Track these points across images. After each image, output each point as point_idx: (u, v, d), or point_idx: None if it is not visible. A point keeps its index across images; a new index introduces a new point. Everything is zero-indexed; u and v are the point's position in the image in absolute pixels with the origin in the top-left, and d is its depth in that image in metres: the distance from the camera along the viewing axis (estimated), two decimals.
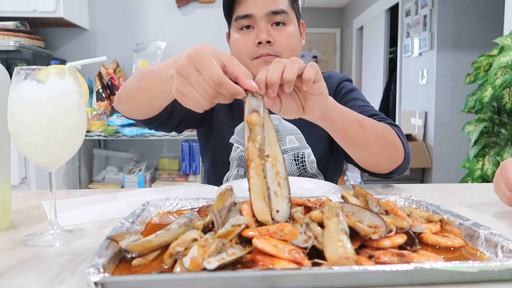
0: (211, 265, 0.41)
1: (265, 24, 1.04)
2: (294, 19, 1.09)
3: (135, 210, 0.63)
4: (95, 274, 0.40)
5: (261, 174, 0.56)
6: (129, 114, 1.00)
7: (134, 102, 0.93)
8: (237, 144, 1.15)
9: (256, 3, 1.04)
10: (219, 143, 1.17)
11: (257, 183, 0.56)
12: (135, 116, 1.00)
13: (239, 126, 1.16)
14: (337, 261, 0.42)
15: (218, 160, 1.18)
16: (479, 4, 4.01)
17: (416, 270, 0.41)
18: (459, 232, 0.55)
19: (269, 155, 0.59)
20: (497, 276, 0.42)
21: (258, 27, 1.05)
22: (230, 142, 1.15)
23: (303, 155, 1.12)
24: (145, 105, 0.92)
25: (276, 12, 1.04)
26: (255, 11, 1.04)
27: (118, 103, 0.99)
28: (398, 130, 1.00)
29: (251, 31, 1.06)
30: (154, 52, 2.70)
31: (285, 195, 0.57)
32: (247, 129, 0.59)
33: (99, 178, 2.83)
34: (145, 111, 0.96)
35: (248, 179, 0.57)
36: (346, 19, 7.39)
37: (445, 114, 4.08)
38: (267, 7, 1.04)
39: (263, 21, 1.04)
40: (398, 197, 0.71)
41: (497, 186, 0.76)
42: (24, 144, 0.60)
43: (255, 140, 0.58)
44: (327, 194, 0.69)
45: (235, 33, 1.08)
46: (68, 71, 0.60)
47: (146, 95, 0.87)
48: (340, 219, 0.48)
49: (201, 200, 0.71)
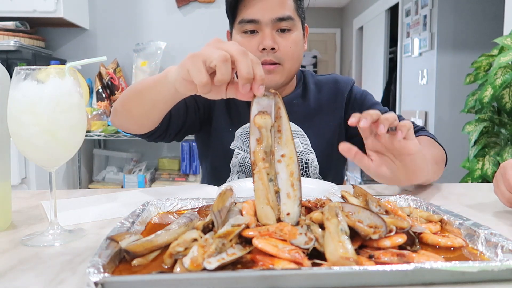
0: (211, 265, 0.41)
1: (270, 30, 1.02)
2: (299, 25, 1.07)
3: (135, 210, 0.63)
4: (95, 274, 0.39)
5: (264, 178, 0.55)
6: (126, 128, 0.96)
7: (130, 113, 0.90)
8: (238, 150, 1.12)
9: (262, 8, 1.01)
10: (219, 150, 1.15)
11: (259, 187, 0.55)
12: (132, 129, 0.96)
13: (239, 130, 1.13)
14: (337, 261, 0.42)
15: (218, 166, 1.16)
16: (479, 4, 4.01)
17: (416, 270, 0.41)
18: (459, 232, 0.55)
19: (284, 154, 0.57)
20: (497, 276, 0.42)
21: (263, 32, 1.02)
22: (231, 148, 1.13)
23: (306, 160, 1.11)
24: (141, 117, 0.89)
25: (282, 19, 1.02)
26: (261, 17, 1.01)
27: (114, 117, 0.96)
28: (435, 138, 1.06)
29: (254, 36, 1.03)
30: (154, 52, 2.70)
31: (297, 197, 0.56)
32: (255, 131, 0.56)
33: (99, 178, 2.83)
34: (141, 124, 0.92)
35: (253, 183, 0.56)
36: (346, 19, 7.39)
37: (445, 114, 4.08)
38: (274, 13, 1.01)
39: (268, 27, 1.02)
40: (398, 197, 0.71)
41: (497, 187, 0.75)
42: (24, 144, 0.60)
43: (261, 143, 0.56)
44: (328, 195, 0.69)
45: (237, 35, 1.06)
46: (68, 71, 0.60)
47: (142, 104, 0.84)
48: (340, 220, 0.48)
49: (201, 200, 0.71)
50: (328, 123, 1.15)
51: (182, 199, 0.71)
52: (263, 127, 0.56)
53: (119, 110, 0.93)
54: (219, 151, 1.15)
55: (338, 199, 0.66)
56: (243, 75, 0.58)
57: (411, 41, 4.63)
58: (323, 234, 0.47)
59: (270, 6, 1.01)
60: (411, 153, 0.76)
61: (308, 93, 1.17)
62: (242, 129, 1.13)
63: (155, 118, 0.90)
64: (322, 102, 1.17)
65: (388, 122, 0.73)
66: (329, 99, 1.17)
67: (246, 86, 0.58)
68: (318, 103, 1.16)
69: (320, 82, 1.20)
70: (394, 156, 0.78)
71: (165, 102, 0.80)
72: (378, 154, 0.79)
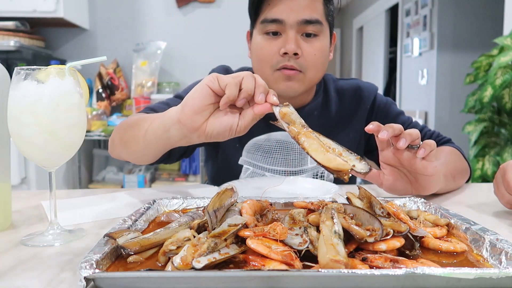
0: (200, 264, 0.41)
1: (294, 33, 0.93)
2: (327, 31, 0.98)
3: (140, 209, 0.63)
4: (86, 269, 0.40)
5: (312, 137, 0.58)
6: (125, 159, 0.89)
7: (127, 147, 0.83)
8: (247, 166, 1.07)
9: (288, 8, 0.92)
10: (225, 165, 1.10)
11: (312, 142, 0.58)
12: (132, 161, 0.88)
13: (248, 143, 1.06)
14: (327, 263, 0.41)
15: (225, 181, 1.07)
16: (479, 4, 4.01)
17: (408, 275, 0.40)
18: (465, 237, 0.54)
19: None
20: (496, 284, 0.40)
21: (287, 35, 0.93)
22: (239, 164, 1.07)
23: (322, 173, 1.07)
24: (139, 153, 0.82)
25: (309, 22, 0.93)
26: (286, 17, 0.92)
27: (111, 148, 0.90)
28: (462, 151, 1.02)
29: (277, 38, 0.95)
30: (154, 52, 2.70)
31: (353, 154, 0.58)
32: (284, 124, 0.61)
33: (99, 178, 2.83)
34: (138, 160, 0.86)
35: (303, 148, 0.58)
36: (346, 19, 7.38)
37: (445, 114, 4.08)
38: (300, 15, 0.92)
39: (293, 29, 0.93)
40: (408, 200, 0.70)
41: (497, 189, 0.75)
42: (24, 144, 0.60)
43: (294, 123, 0.61)
44: (334, 196, 0.69)
45: (259, 35, 0.97)
46: (68, 71, 0.60)
47: (140, 143, 0.78)
48: (335, 222, 0.48)
49: (207, 200, 0.71)
50: (348, 134, 1.09)
51: (187, 198, 0.71)
52: (289, 114, 0.60)
53: (116, 143, 0.87)
54: (226, 167, 1.10)
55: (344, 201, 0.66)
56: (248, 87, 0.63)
57: (411, 41, 4.63)
58: (318, 237, 0.47)
59: (297, 7, 0.92)
60: (428, 175, 0.75)
61: (329, 103, 1.09)
62: (252, 142, 1.06)
63: (149, 157, 0.83)
64: (343, 113, 1.09)
65: (410, 138, 0.71)
66: (350, 109, 1.10)
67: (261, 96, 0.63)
68: (339, 113, 1.09)
69: (342, 90, 1.12)
70: (409, 171, 0.76)
71: (165, 141, 0.73)
72: (391, 168, 0.77)
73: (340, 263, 0.41)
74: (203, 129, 0.65)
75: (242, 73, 0.64)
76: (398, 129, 0.71)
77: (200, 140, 0.67)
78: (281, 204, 0.69)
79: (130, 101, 2.74)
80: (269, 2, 0.94)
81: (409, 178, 0.78)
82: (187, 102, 0.65)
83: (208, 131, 0.65)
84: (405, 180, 0.78)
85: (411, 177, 0.77)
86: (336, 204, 0.56)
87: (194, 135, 0.66)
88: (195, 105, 0.64)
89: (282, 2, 0.93)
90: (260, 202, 0.61)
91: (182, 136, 0.68)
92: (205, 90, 0.64)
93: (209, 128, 0.65)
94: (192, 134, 0.66)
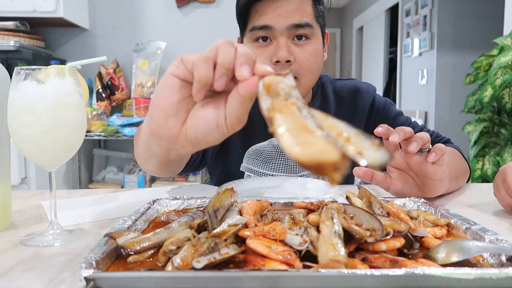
0: (200, 265, 0.41)
1: (285, 40, 0.91)
2: (318, 33, 0.96)
3: (140, 209, 0.63)
4: (86, 269, 0.40)
5: (291, 111, 0.39)
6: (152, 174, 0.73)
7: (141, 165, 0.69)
8: (248, 173, 1.05)
9: (276, 14, 0.90)
10: (226, 171, 1.08)
11: (286, 120, 0.38)
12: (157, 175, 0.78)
13: (250, 149, 1.04)
14: (327, 263, 0.41)
15: None
16: (479, 4, 4.01)
17: (408, 275, 0.39)
18: (465, 237, 0.54)
19: None
20: (496, 284, 0.40)
21: (277, 42, 0.91)
22: (241, 171, 1.06)
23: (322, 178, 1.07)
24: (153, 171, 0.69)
25: (299, 26, 0.91)
26: (275, 23, 0.90)
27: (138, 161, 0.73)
28: (461, 151, 1.01)
29: (268, 45, 0.92)
30: (154, 52, 2.70)
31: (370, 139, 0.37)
32: (264, 96, 0.41)
33: (99, 178, 2.83)
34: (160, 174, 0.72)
35: (274, 132, 0.38)
36: (346, 19, 7.39)
37: (445, 114, 4.08)
38: (289, 19, 0.90)
39: (283, 35, 0.91)
40: (408, 200, 0.70)
41: (497, 192, 0.75)
42: (24, 144, 0.60)
43: (279, 95, 0.40)
44: (334, 196, 0.69)
45: (249, 43, 0.94)
46: (68, 71, 0.60)
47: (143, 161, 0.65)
48: (335, 222, 0.48)
49: (207, 200, 0.71)
50: None
51: (188, 198, 0.71)
52: (275, 84, 0.41)
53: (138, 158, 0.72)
54: (227, 173, 1.08)
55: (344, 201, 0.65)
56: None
57: (411, 41, 4.64)
58: (318, 237, 0.47)
59: (285, 12, 0.90)
60: (437, 180, 0.74)
61: (328, 106, 1.07)
62: (253, 149, 1.05)
63: (167, 171, 0.72)
64: (342, 116, 1.01)
65: (422, 142, 0.71)
66: (349, 112, 1.09)
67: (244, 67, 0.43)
68: (338, 116, 0.99)
69: (340, 91, 1.10)
70: (416, 175, 0.76)
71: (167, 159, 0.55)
72: (399, 171, 0.77)
73: (340, 263, 0.41)
74: (184, 135, 0.46)
75: (217, 43, 0.45)
76: (409, 132, 0.70)
77: (187, 150, 0.48)
78: (281, 204, 0.69)
79: (130, 101, 2.74)
80: (256, 9, 0.92)
81: (416, 181, 0.77)
82: (153, 104, 0.47)
83: (190, 136, 0.46)
84: (413, 183, 0.78)
85: (418, 181, 0.77)
86: (336, 204, 0.56)
87: (177, 146, 0.47)
88: (163, 105, 0.46)
89: (270, 8, 0.90)
90: (260, 202, 0.61)
91: (166, 150, 0.49)
92: (170, 81, 0.45)
93: (191, 132, 0.46)
94: (174, 145, 0.47)
